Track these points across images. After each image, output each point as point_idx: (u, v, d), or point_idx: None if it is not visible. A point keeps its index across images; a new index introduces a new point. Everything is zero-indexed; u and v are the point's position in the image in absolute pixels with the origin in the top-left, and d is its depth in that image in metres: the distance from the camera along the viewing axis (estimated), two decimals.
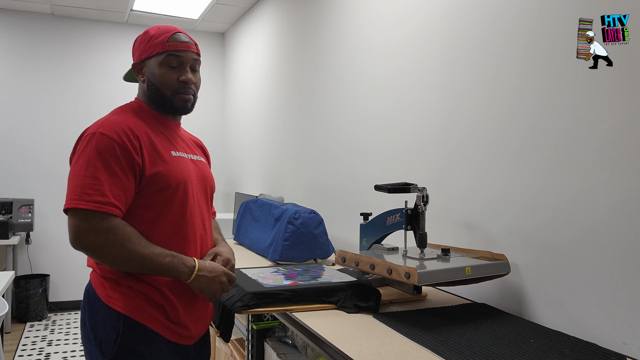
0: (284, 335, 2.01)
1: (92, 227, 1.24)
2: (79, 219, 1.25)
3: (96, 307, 1.34)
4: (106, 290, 1.34)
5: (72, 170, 1.30)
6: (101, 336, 1.32)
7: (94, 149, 1.29)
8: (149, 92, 1.45)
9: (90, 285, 1.38)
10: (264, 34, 4.02)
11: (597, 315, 1.35)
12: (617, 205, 1.30)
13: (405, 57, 2.18)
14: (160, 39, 1.42)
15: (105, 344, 1.31)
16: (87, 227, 1.24)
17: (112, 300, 1.33)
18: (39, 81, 4.71)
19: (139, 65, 1.46)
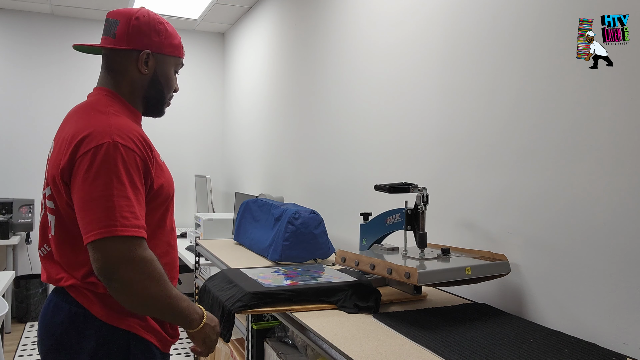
0: (284, 335, 2.01)
1: (134, 258, 1.08)
2: (120, 248, 1.07)
3: (90, 327, 1.18)
4: (105, 308, 1.18)
5: (97, 189, 1.09)
6: (102, 359, 1.18)
7: (119, 162, 1.11)
8: (148, 88, 1.32)
9: (74, 304, 1.19)
10: (264, 34, 4.02)
11: (597, 315, 1.35)
12: (617, 205, 1.30)
13: (406, 57, 2.18)
14: (177, 41, 1.34)
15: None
16: (130, 257, 1.08)
17: (117, 318, 1.19)
18: (39, 81, 4.71)
19: (146, 54, 1.29)
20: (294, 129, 3.37)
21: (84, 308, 1.18)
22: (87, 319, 1.18)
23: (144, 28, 1.29)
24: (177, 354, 3.71)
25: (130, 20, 1.29)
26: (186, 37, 5.19)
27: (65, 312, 1.19)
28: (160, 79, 1.33)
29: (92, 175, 1.10)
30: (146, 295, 1.11)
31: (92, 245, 1.08)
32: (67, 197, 1.16)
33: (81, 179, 1.11)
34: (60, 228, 1.20)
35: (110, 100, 1.28)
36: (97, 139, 1.13)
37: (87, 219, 1.09)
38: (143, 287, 1.10)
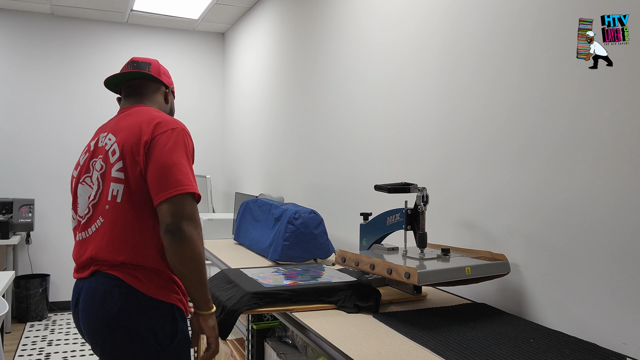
0: (284, 335, 2.01)
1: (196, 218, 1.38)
2: (191, 204, 1.37)
3: (141, 303, 1.38)
4: (151, 286, 1.40)
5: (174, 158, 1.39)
6: (156, 329, 1.39)
7: (189, 144, 1.46)
8: (169, 114, 1.71)
9: (123, 285, 1.38)
10: (264, 34, 4.02)
11: (597, 315, 1.35)
12: (617, 205, 1.30)
13: (405, 57, 2.18)
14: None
15: (162, 336, 1.40)
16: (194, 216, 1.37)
17: (163, 294, 1.41)
18: (39, 81, 4.71)
19: (169, 90, 1.72)
20: (294, 129, 3.37)
21: (134, 289, 1.38)
22: (138, 298, 1.38)
23: (166, 72, 1.73)
24: None
25: (158, 64, 1.69)
26: (186, 37, 5.20)
27: (117, 295, 1.38)
28: (173, 110, 1.75)
29: (169, 149, 1.40)
30: (196, 252, 1.36)
31: (170, 200, 1.35)
32: (142, 166, 1.41)
33: (160, 150, 1.40)
34: (127, 195, 1.42)
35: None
36: (171, 124, 1.46)
37: (166, 180, 1.37)
38: (196, 244, 1.36)
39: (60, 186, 4.77)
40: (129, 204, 1.41)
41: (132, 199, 1.41)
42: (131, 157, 1.42)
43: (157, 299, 1.40)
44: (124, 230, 1.41)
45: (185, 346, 1.46)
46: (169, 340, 1.41)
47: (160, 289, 1.41)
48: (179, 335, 1.43)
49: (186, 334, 1.46)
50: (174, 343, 1.42)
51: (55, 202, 4.75)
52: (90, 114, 4.88)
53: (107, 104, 4.94)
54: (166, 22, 4.95)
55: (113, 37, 4.93)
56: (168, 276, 1.45)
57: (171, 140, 1.41)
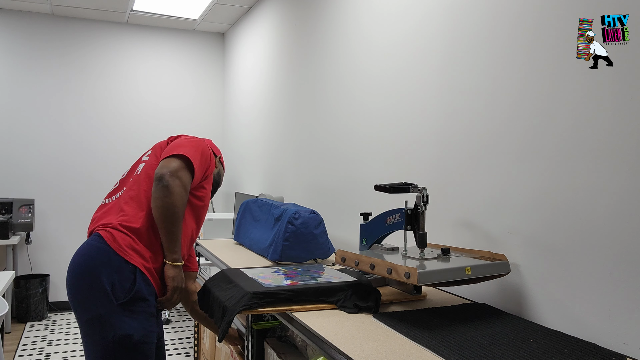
0: (284, 335, 2.01)
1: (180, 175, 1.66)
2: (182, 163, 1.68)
3: (110, 258, 1.62)
4: (122, 247, 1.64)
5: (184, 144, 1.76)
6: (114, 282, 1.60)
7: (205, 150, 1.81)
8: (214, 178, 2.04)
9: (101, 241, 1.65)
10: (264, 34, 4.02)
11: (597, 315, 1.35)
12: (617, 205, 1.30)
13: (406, 56, 2.18)
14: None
15: (118, 290, 1.60)
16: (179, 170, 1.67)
17: (129, 255, 1.64)
18: (39, 81, 4.71)
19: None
20: (294, 129, 3.37)
21: (107, 244, 1.64)
22: (109, 253, 1.63)
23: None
24: (177, 354, 3.71)
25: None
26: (186, 37, 5.20)
27: (94, 248, 1.64)
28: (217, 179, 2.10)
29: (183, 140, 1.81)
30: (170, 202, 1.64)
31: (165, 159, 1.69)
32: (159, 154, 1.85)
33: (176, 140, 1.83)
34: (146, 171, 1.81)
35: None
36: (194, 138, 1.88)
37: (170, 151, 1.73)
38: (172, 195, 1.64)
39: (60, 186, 4.77)
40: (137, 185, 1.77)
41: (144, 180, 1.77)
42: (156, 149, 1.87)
43: (123, 258, 1.63)
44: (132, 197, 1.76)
45: (139, 305, 1.63)
46: (124, 295, 1.60)
47: (130, 251, 1.65)
48: (133, 293, 1.61)
49: (142, 296, 1.63)
50: (127, 299, 1.60)
51: (55, 202, 4.75)
52: (90, 114, 4.88)
53: (108, 104, 4.94)
54: (166, 22, 4.95)
55: (113, 37, 4.93)
56: (145, 246, 1.68)
57: (187, 138, 1.81)
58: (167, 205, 1.64)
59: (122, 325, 1.59)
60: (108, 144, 4.93)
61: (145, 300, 1.65)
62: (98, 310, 1.58)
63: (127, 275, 1.63)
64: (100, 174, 4.90)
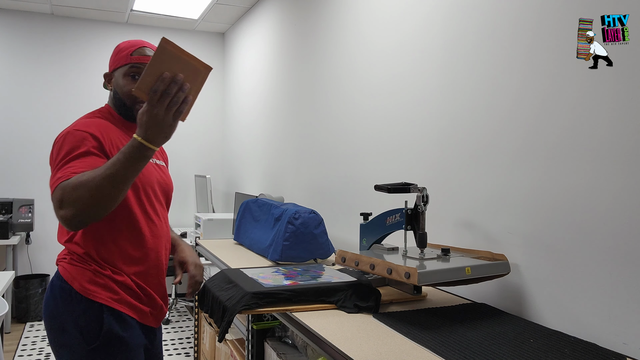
0: (284, 335, 2.01)
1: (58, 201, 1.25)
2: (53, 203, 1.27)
3: (73, 300, 1.43)
4: (83, 284, 1.44)
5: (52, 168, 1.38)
6: (83, 326, 1.42)
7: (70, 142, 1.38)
8: (115, 101, 1.57)
9: (62, 280, 1.46)
10: (264, 34, 4.02)
11: (597, 315, 1.35)
12: (617, 205, 1.30)
13: (405, 57, 2.18)
14: (125, 52, 1.53)
15: (88, 334, 1.42)
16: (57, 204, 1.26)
17: (93, 293, 1.44)
18: (39, 81, 4.71)
19: (109, 75, 1.58)
20: (294, 129, 3.37)
21: (68, 284, 1.44)
22: (71, 294, 1.44)
23: (115, 52, 1.58)
24: (177, 354, 3.71)
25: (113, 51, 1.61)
26: (186, 37, 5.20)
27: (57, 287, 1.46)
28: (117, 90, 1.55)
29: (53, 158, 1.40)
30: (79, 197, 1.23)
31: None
32: None
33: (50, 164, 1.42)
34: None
35: (96, 110, 1.59)
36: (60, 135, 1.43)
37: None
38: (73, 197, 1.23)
39: None
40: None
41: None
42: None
43: (86, 297, 1.43)
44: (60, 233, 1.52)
45: (114, 346, 1.44)
46: (94, 339, 1.42)
47: (91, 286, 1.44)
48: (102, 336, 1.42)
49: (115, 335, 1.44)
50: (99, 342, 1.42)
51: None
52: None
53: None
54: (166, 22, 4.95)
55: (113, 37, 4.93)
56: (107, 274, 1.45)
57: (54, 152, 1.41)
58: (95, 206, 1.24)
59: None
60: None
61: (120, 339, 1.45)
62: (72, 355, 1.43)
63: (95, 316, 1.43)
64: None
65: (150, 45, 1.57)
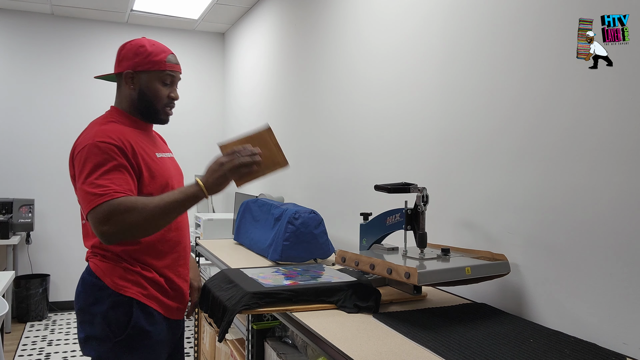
0: (284, 335, 2.01)
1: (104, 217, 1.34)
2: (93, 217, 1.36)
3: (104, 294, 1.49)
4: (114, 279, 1.50)
5: (80, 179, 1.42)
6: (111, 319, 1.48)
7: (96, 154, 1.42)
8: (138, 102, 1.60)
9: (92, 276, 1.52)
10: (264, 34, 4.02)
11: (597, 315, 1.35)
12: (617, 205, 1.30)
13: (405, 56, 2.18)
14: (159, 57, 1.58)
15: (116, 327, 1.48)
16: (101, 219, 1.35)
17: (123, 288, 1.50)
18: (39, 81, 4.71)
19: (131, 74, 1.58)
20: (294, 129, 3.37)
21: (99, 279, 1.51)
22: (102, 288, 1.50)
23: (128, 54, 1.58)
24: None
25: (120, 50, 1.61)
26: (186, 37, 5.20)
27: (88, 283, 1.52)
28: (146, 92, 1.59)
29: (79, 172, 1.44)
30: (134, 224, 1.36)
31: (88, 218, 1.39)
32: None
33: (77, 177, 1.46)
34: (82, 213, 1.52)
35: (105, 116, 1.62)
36: (80, 146, 1.46)
37: (81, 201, 1.43)
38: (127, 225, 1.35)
39: (60, 186, 4.77)
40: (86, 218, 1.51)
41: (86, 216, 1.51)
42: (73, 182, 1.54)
43: (116, 292, 1.49)
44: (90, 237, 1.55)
45: (139, 340, 1.51)
46: (121, 331, 1.48)
47: (121, 281, 1.50)
48: (130, 328, 1.49)
49: (141, 329, 1.50)
50: (125, 335, 1.48)
51: (55, 202, 4.75)
52: (90, 114, 4.87)
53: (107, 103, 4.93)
54: (166, 22, 4.95)
55: (113, 37, 4.93)
56: (137, 271, 1.52)
57: (80, 163, 1.44)
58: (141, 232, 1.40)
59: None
60: None
61: (146, 333, 1.52)
62: (97, 348, 1.50)
63: (124, 310, 1.49)
64: None
65: (173, 53, 1.66)
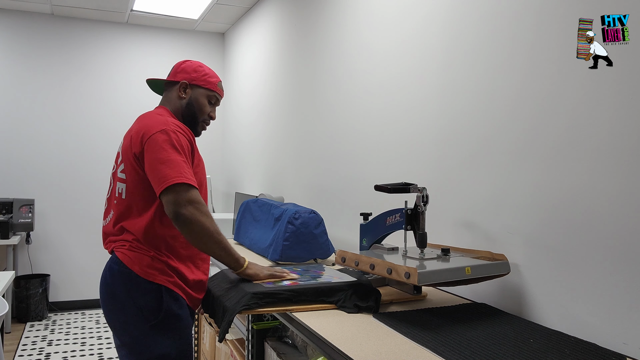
0: (284, 335, 2.01)
1: (193, 199, 1.53)
2: (179, 192, 1.52)
3: (132, 282, 1.60)
4: (143, 268, 1.61)
5: (161, 156, 1.56)
6: (142, 305, 1.59)
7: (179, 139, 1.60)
8: (186, 110, 1.79)
9: (120, 265, 1.62)
10: (264, 34, 4.02)
11: (597, 315, 1.35)
12: (617, 204, 1.30)
13: (405, 57, 2.18)
14: (214, 79, 1.83)
15: (148, 312, 1.59)
16: (186, 198, 1.52)
17: (152, 275, 1.61)
18: (39, 81, 4.71)
19: (186, 85, 1.79)
20: (294, 129, 3.37)
21: (128, 268, 1.61)
22: (131, 276, 1.60)
23: (187, 69, 1.82)
24: None
25: (180, 64, 1.84)
26: (186, 37, 5.20)
27: (117, 272, 1.62)
28: (194, 104, 1.80)
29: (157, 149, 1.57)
30: (202, 228, 1.54)
31: (165, 192, 1.53)
32: (140, 170, 1.62)
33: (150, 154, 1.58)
34: (129, 193, 1.65)
35: (167, 112, 1.78)
36: (156, 128, 1.61)
37: (159, 176, 1.54)
38: (199, 222, 1.53)
39: (60, 186, 4.77)
40: (130, 199, 1.66)
41: (133, 196, 1.65)
42: (129, 163, 1.66)
43: (146, 279, 1.60)
44: (127, 219, 1.66)
45: (172, 323, 1.62)
46: (154, 316, 1.59)
47: (150, 270, 1.61)
48: (163, 312, 1.60)
49: (173, 313, 1.62)
50: (159, 319, 1.60)
51: (55, 202, 4.75)
52: (90, 114, 4.88)
53: (107, 103, 4.94)
54: (166, 22, 4.95)
55: (113, 37, 4.93)
56: (164, 260, 1.63)
57: (158, 142, 1.58)
58: (201, 233, 1.55)
59: (157, 346, 1.60)
60: (108, 144, 4.93)
61: (177, 316, 1.63)
62: (132, 332, 1.60)
63: (154, 296, 1.60)
64: (100, 173, 4.90)
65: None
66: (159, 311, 1.60)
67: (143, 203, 1.64)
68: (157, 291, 1.61)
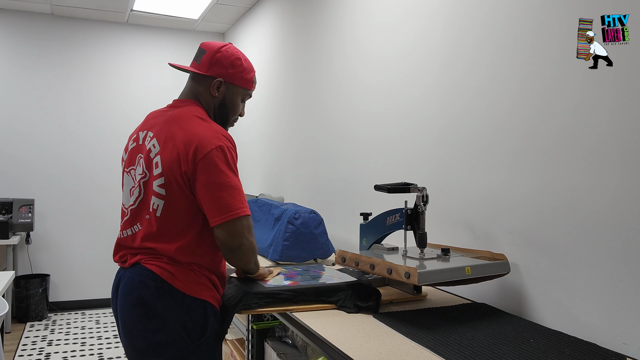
0: (284, 335, 2.01)
1: (250, 229, 1.48)
2: (243, 225, 1.44)
3: (174, 298, 1.44)
4: (184, 283, 1.46)
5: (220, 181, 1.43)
6: (186, 323, 1.44)
7: (231, 157, 1.47)
8: (218, 108, 1.62)
9: (158, 280, 1.45)
10: (264, 34, 4.02)
11: (597, 315, 1.35)
12: (617, 204, 1.30)
13: (405, 57, 2.18)
14: (250, 75, 1.64)
15: (193, 330, 1.45)
16: (247, 229, 1.46)
17: (197, 291, 1.47)
18: (39, 81, 4.71)
19: (220, 82, 1.59)
20: (294, 129, 3.37)
21: (168, 283, 1.44)
22: (172, 292, 1.45)
23: (224, 61, 1.59)
24: None
25: (214, 52, 1.59)
26: (186, 37, 5.20)
27: (152, 289, 1.44)
28: (227, 103, 1.62)
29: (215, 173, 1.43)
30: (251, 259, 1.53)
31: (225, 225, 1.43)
32: (186, 189, 1.46)
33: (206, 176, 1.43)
34: (167, 211, 1.47)
35: (201, 111, 1.58)
36: (209, 145, 1.44)
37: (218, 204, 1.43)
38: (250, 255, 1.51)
39: (60, 186, 4.77)
40: (168, 217, 1.48)
41: (172, 213, 1.47)
42: (174, 178, 1.46)
43: (190, 295, 1.45)
44: (159, 240, 1.48)
45: (215, 342, 1.51)
46: (199, 335, 1.46)
47: (194, 285, 1.47)
48: (209, 331, 1.48)
49: (216, 331, 1.50)
50: (204, 338, 1.47)
51: (55, 202, 4.75)
52: (91, 114, 4.88)
53: (108, 103, 4.93)
54: (166, 22, 4.95)
55: (113, 37, 4.93)
56: (205, 274, 1.51)
57: (217, 163, 1.44)
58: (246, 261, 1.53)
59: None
60: (108, 144, 4.93)
61: (220, 333, 1.53)
62: (173, 352, 1.44)
63: (199, 312, 1.46)
64: (100, 173, 4.90)
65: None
66: (205, 329, 1.47)
67: (183, 223, 1.48)
68: (202, 308, 1.47)
